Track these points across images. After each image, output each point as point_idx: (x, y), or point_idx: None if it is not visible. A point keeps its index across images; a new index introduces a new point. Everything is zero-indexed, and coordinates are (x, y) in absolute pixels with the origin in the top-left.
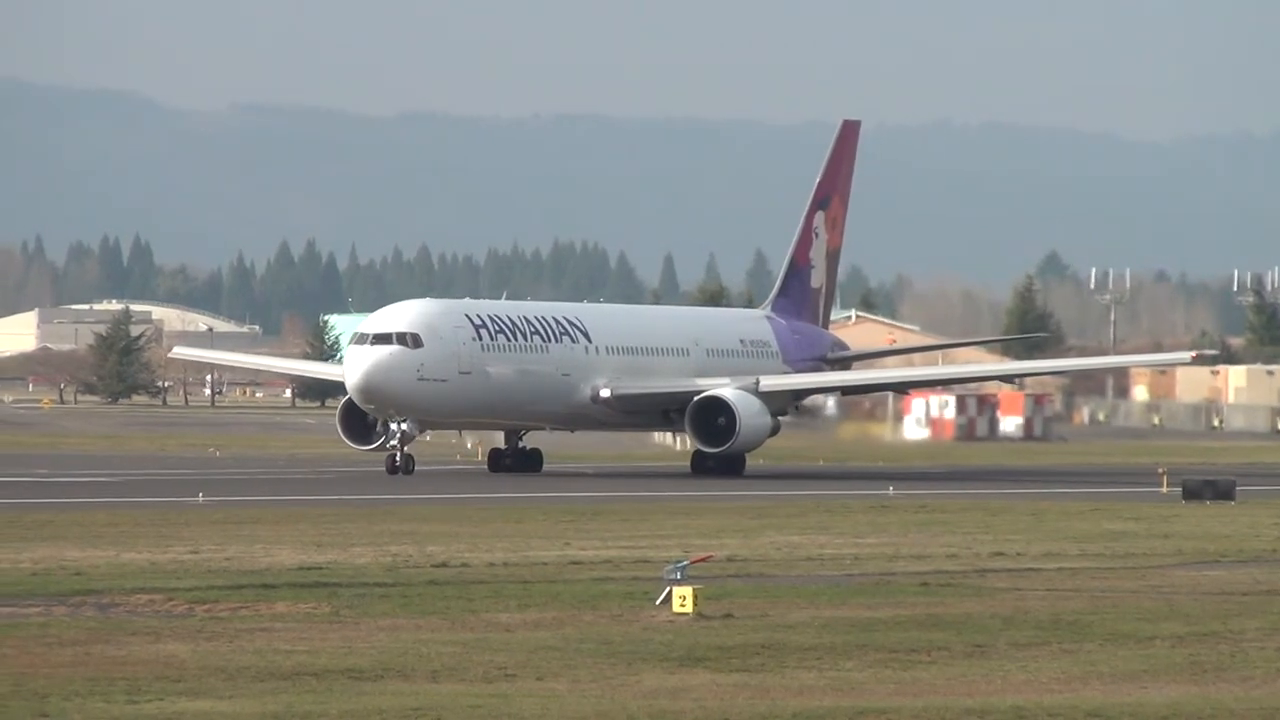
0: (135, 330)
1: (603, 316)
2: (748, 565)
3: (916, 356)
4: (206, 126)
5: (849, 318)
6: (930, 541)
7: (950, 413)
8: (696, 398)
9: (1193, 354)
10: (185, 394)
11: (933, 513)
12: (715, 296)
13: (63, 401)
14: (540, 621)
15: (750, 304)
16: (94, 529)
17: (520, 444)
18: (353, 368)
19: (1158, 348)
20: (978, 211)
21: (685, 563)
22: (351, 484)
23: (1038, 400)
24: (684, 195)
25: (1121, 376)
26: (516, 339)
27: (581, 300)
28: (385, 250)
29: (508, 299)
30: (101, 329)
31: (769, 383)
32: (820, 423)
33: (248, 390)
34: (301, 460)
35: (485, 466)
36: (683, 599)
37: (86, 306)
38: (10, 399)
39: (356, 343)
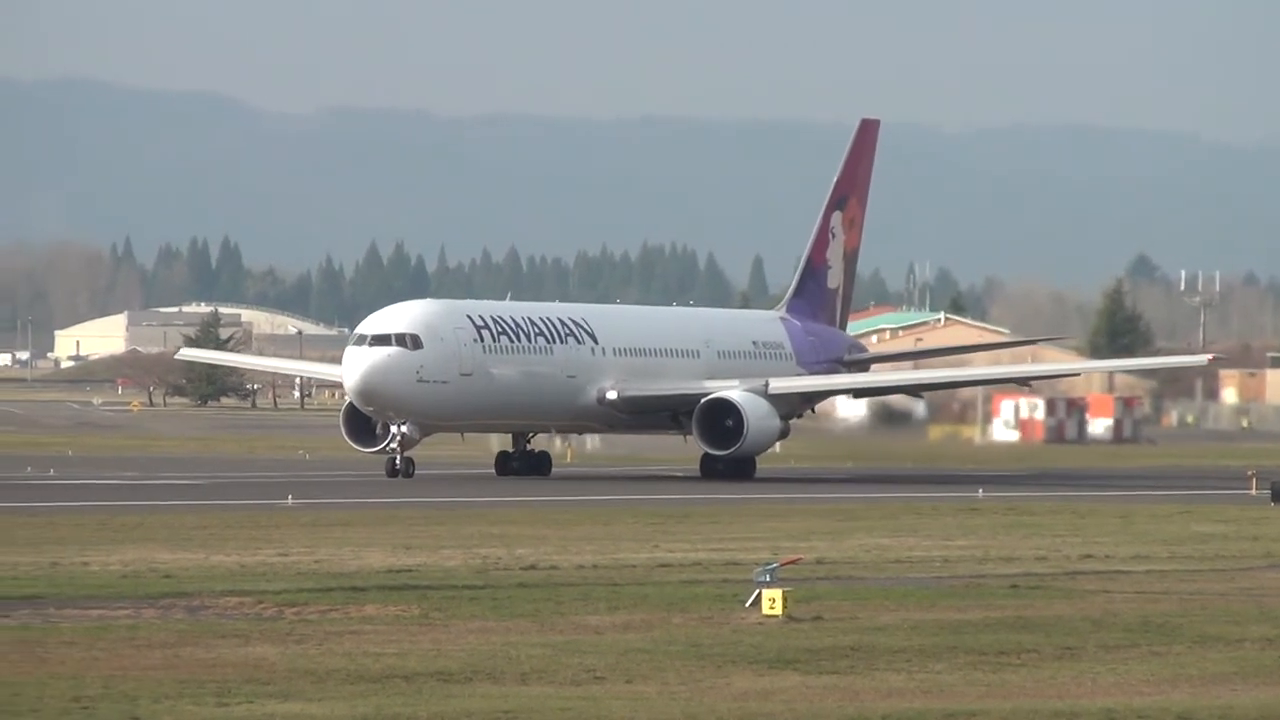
0: (224, 333)
1: (610, 318)
2: (837, 568)
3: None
4: (295, 129)
5: (938, 320)
6: (1019, 544)
7: (1039, 415)
8: (704, 400)
9: (1210, 356)
10: (274, 397)
11: (1022, 515)
12: None
13: (151, 404)
14: (629, 624)
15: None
16: (183, 531)
17: (528, 447)
18: (351, 369)
19: (1246, 350)
20: (1065, 214)
21: (774, 565)
22: (441, 486)
23: (1127, 403)
24: (774, 197)
25: (1211, 379)
26: (520, 340)
27: (670, 303)
28: (474, 252)
29: (511, 299)
30: (190, 331)
31: (778, 385)
32: (909, 426)
33: (336, 393)
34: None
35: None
36: (772, 601)
37: (175, 309)
38: (99, 401)
39: (355, 344)
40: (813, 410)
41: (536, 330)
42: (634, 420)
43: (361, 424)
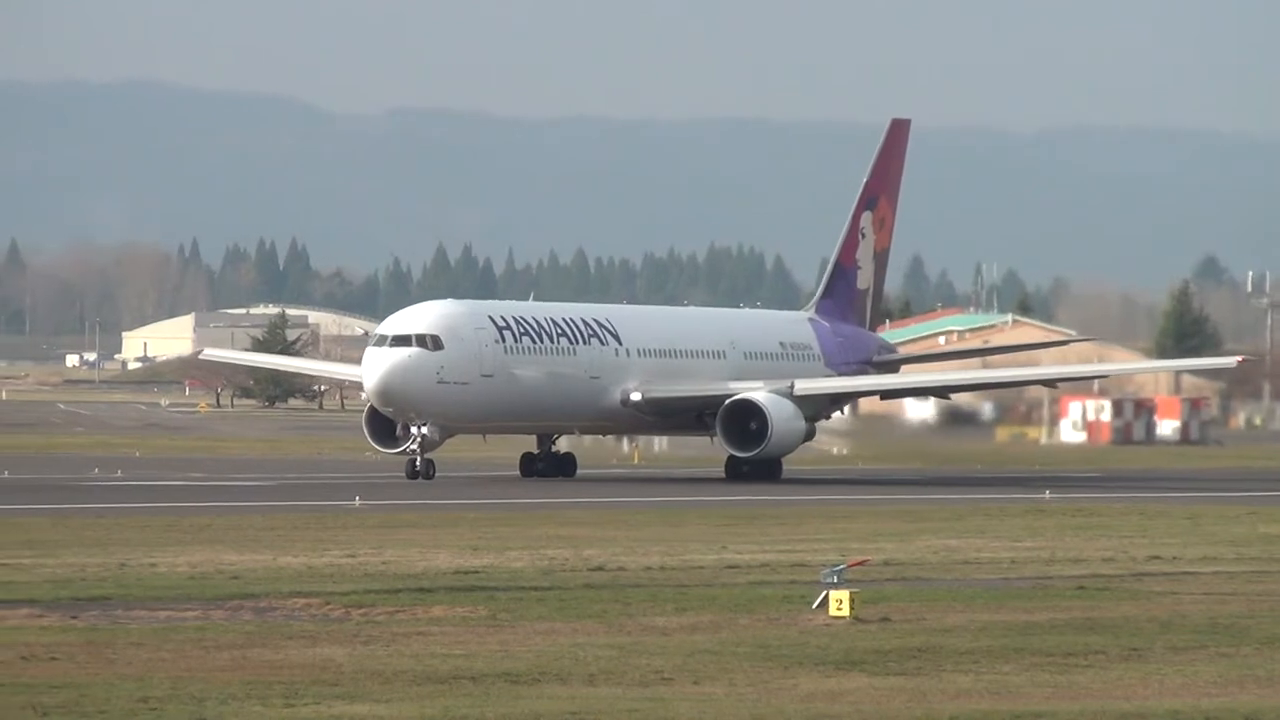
0: (291, 334)
1: (634, 318)
2: (904, 569)
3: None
4: (362, 130)
5: (1006, 322)
6: (1086, 545)
7: (1106, 416)
8: (728, 401)
9: (1239, 358)
10: (341, 398)
11: (1089, 516)
12: None
13: (219, 405)
14: (697, 625)
15: (906, 309)
16: (251, 533)
17: (553, 448)
18: (370, 370)
19: None
20: (1132, 215)
21: (842, 566)
22: (508, 487)
23: (1194, 404)
24: (841, 198)
25: (1279, 380)
26: (543, 341)
27: (738, 305)
28: (541, 254)
29: (533, 299)
30: (258, 333)
31: (803, 386)
32: (976, 427)
33: None
34: (460, 464)
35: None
36: (839, 602)
37: (243, 310)
38: (167, 402)
39: (375, 345)
40: (842, 411)
41: (559, 331)
42: (659, 422)
43: (383, 425)
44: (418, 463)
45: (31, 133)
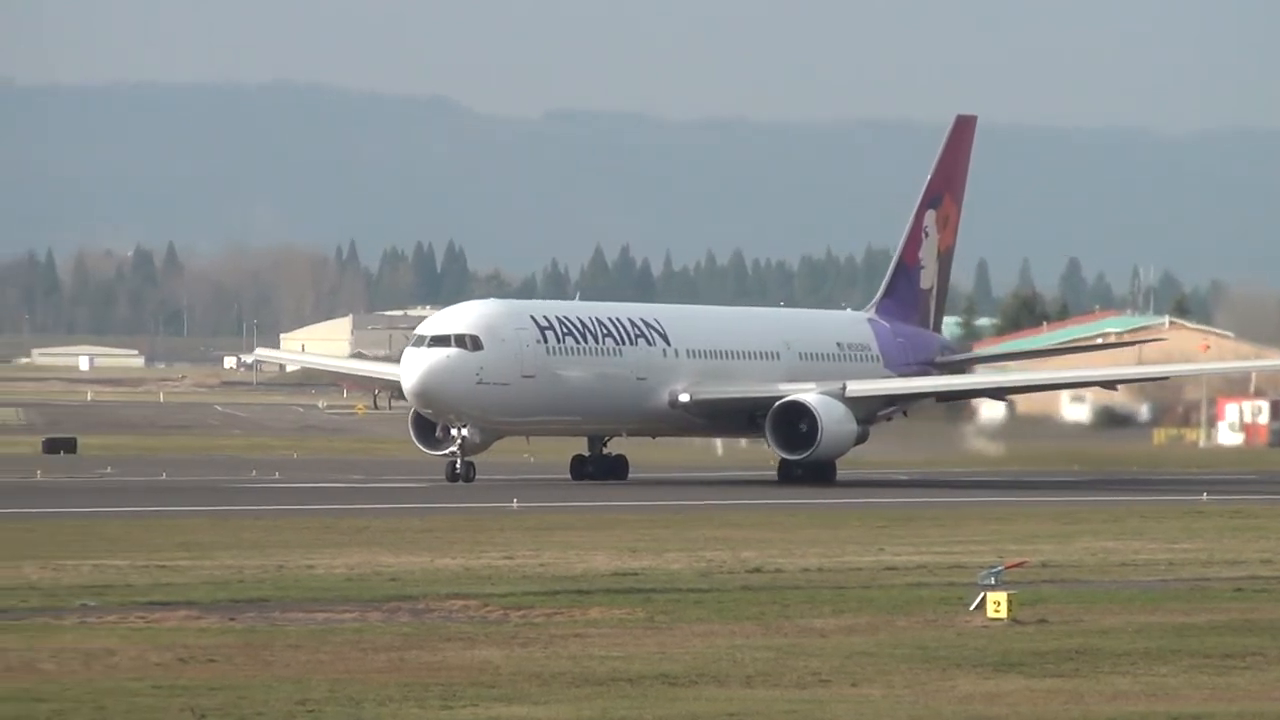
0: None
1: (684, 319)
2: (1062, 571)
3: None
4: (521, 133)
5: (1162, 323)
6: (1244, 547)
7: (1264, 418)
8: (777, 403)
9: None
10: None
11: (1247, 518)
12: (1028, 303)
13: (376, 407)
14: (854, 627)
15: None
16: (408, 534)
17: (604, 450)
18: (409, 371)
19: None
20: None
21: (1000, 568)
22: (663, 490)
23: None
24: (999, 199)
25: None
26: (587, 341)
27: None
28: (698, 255)
29: (581, 300)
30: None
31: (856, 387)
32: (1133, 429)
33: None
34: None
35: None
36: (997, 604)
37: (400, 312)
38: (324, 405)
39: (414, 345)
40: (904, 414)
41: (605, 331)
42: (709, 424)
43: (428, 425)
44: (458, 465)
45: (188, 136)
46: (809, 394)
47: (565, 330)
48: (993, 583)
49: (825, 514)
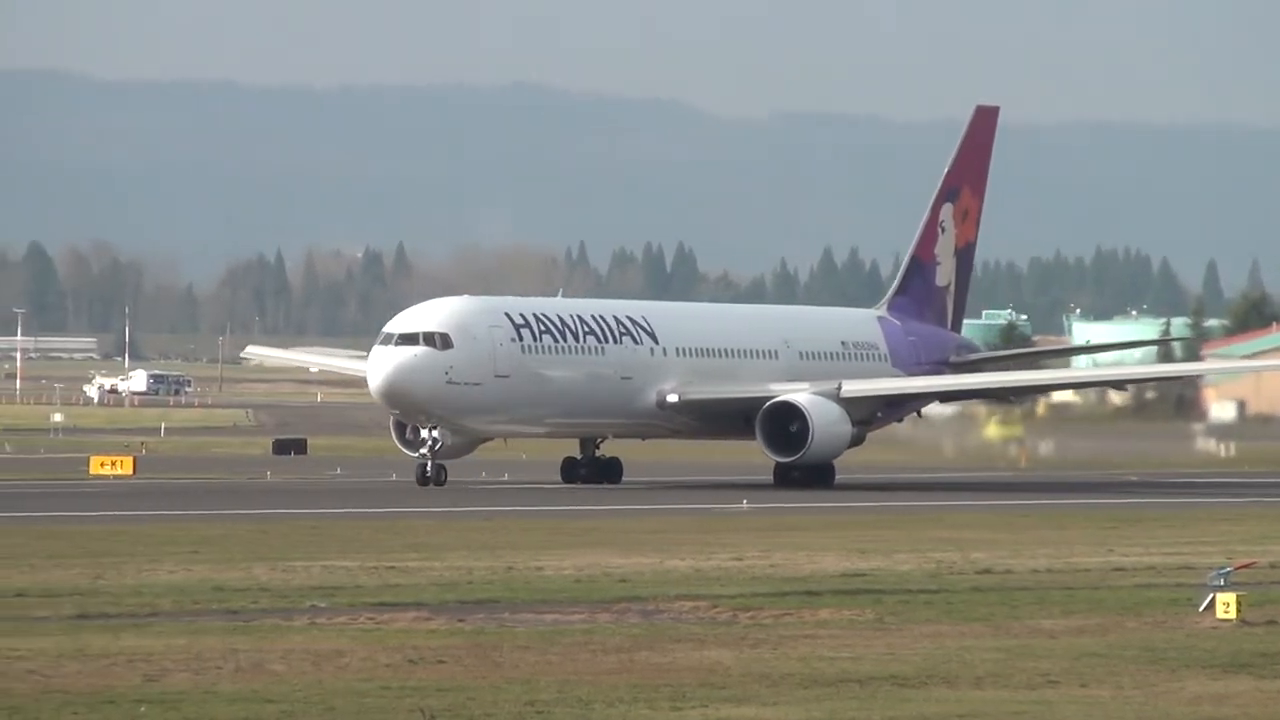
0: None
1: (674, 316)
2: None
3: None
4: (749, 134)
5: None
6: None
7: None
8: (768, 403)
9: None
10: None
11: None
12: (1257, 304)
13: None
14: (1084, 628)
15: None
16: (637, 535)
17: (597, 453)
18: (375, 370)
19: None
20: None
21: (1229, 569)
22: (883, 494)
23: None
24: (1229, 199)
25: None
26: (566, 339)
27: (1125, 309)
28: None
29: (599, 297)
30: None
31: (851, 387)
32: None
33: None
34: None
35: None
36: (1226, 605)
37: None
38: None
39: (382, 343)
40: (919, 414)
41: (586, 329)
42: (700, 425)
43: (410, 427)
44: (428, 468)
45: (419, 138)
46: (800, 394)
47: (543, 328)
48: (1222, 583)
49: (1052, 514)
